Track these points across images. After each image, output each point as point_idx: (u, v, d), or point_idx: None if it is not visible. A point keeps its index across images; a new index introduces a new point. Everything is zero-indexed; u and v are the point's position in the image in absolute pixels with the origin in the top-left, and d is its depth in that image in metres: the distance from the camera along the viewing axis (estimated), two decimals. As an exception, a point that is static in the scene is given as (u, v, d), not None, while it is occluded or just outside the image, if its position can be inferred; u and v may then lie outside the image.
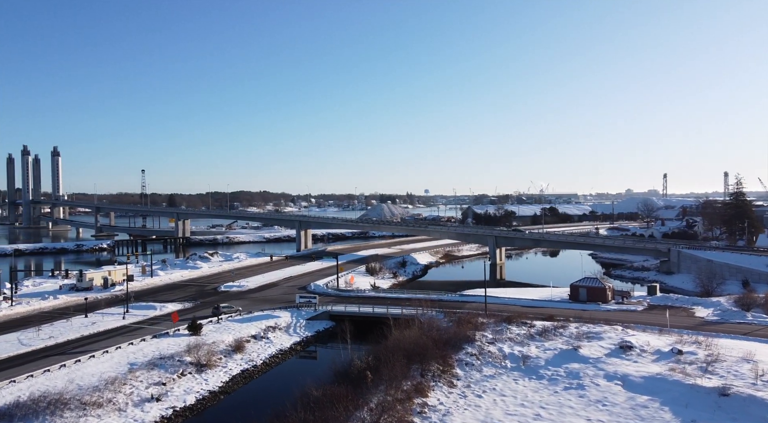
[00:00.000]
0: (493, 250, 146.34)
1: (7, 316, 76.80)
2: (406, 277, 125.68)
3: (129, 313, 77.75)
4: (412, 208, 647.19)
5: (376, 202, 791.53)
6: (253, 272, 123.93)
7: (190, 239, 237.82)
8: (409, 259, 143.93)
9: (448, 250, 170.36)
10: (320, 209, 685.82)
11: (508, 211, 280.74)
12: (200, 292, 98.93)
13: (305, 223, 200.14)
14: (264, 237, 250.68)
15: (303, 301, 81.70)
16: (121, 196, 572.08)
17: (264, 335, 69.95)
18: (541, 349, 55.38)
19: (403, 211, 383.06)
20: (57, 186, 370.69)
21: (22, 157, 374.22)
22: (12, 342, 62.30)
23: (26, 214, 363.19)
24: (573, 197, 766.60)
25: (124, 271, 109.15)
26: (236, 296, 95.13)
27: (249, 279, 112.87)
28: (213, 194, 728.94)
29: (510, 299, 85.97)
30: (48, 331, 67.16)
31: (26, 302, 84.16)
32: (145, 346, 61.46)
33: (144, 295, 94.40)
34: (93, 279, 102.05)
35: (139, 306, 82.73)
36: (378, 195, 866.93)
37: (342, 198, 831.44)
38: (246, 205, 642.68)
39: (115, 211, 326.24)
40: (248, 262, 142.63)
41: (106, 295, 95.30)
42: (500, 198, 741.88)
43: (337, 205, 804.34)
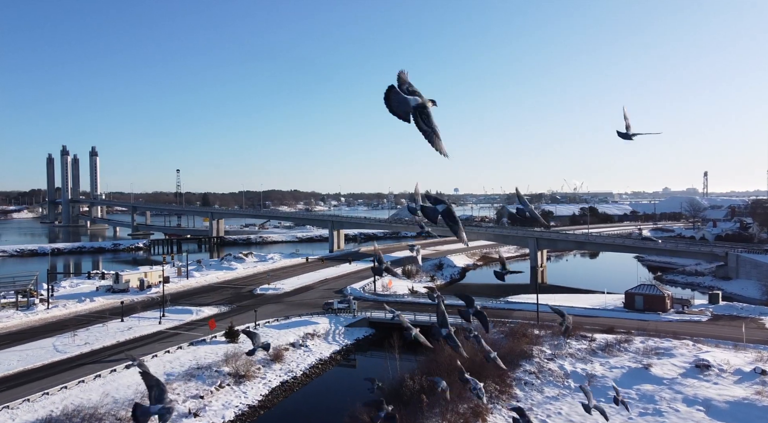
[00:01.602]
0: (534, 253, 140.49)
1: (43, 320, 75.82)
2: (443, 280, 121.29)
3: (165, 318, 75.81)
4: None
5: (406, 202, 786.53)
6: (288, 274, 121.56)
7: (224, 239, 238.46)
8: (446, 261, 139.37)
9: (486, 252, 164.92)
10: (350, 208, 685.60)
11: (546, 210, 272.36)
12: (236, 295, 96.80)
13: (338, 223, 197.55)
14: (296, 237, 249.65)
15: (342, 307, 78.32)
16: (157, 195, 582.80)
17: (302, 343, 66.86)
18: (606, 367, 50.48)
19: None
20: (95, 185, 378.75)
21: (62, 157, 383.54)
22: (47, 348, 60.74)
23: (65, 213, 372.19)
24: (608, 196, 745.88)
25: (160, 273, 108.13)
26: (272, 299, 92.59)
27: (284, 281, 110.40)
28: (245, 193, 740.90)
29: (561, 307, 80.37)
30: (84, 337, 65.51)
31: (63, 305, 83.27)
32: (181, 354, 59.02)
33: (180, 298, 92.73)
34: (129, 281, 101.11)
35: (175, 310, 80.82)
36: (407, 194, 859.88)
37: (371, 197, 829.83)
38: (277, 204, 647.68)
39: (151, 211, 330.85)
40: (283, 263, 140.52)
41: (142, 297, 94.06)
42: (533, 197, 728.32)
43: (366, 203, 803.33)
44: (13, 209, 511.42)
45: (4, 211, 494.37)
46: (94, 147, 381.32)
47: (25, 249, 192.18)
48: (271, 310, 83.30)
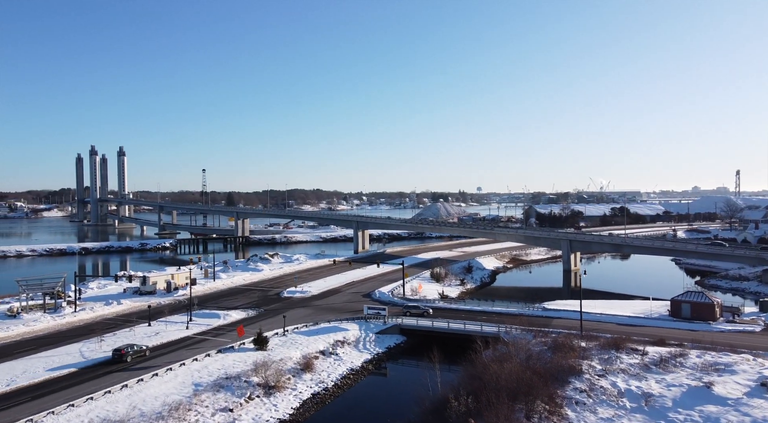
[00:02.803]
0: (567, 255, 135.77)
1: (70, 324, 74.92)
2: (474, 284, 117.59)
3: (192, 322, 74.20)
4: (465, 205, 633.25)
5: (428, 201, 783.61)
6: (315, 276, 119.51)
7: (250, 238, 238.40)
8: (475, 263, 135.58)
9: (516, 253, 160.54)
10: (372, 207, 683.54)
11: (575, 211, 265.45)
12: (263, 298, 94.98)
13: (363, 223, 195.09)
14: (321, 237, 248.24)
15: (372, 313, 75.60)
16: (183, 194, 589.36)
17: (333, 351, 64.34)
18: (662, 385, 46.61)
19: (459, 210, 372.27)
20: (123, 185, 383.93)
21: (90, 157, 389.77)
22: (74, 354, 59.43)
23: (94, 212, 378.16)
24: (636, 195, 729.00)
25: (187, 275, 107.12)
26: (300, 303, 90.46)
27: (311, 284, 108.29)
28: (268, 193, 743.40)
29: (603, 316, 76.45)
30: (111, 342, 64.12)
31: (90, 308, 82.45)
32: (209, 362, 57.03)
33: (207, 301, 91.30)
34: (156, 283, 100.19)
35: (202, 314, 79.21)
36: (429, 193, 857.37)
37: (393, 196, 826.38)
38: (300, 203, 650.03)
39: (177, 210, 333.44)
40: (308, 265, 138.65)
41: (169, 300, 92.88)
42: (559, 196, 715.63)
43: (388, 203, 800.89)
44: (44, 208, 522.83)
45: (35, 210, 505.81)
46: (121, 147, 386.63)
47: (54, 248, 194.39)
48: (299, 314, 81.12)
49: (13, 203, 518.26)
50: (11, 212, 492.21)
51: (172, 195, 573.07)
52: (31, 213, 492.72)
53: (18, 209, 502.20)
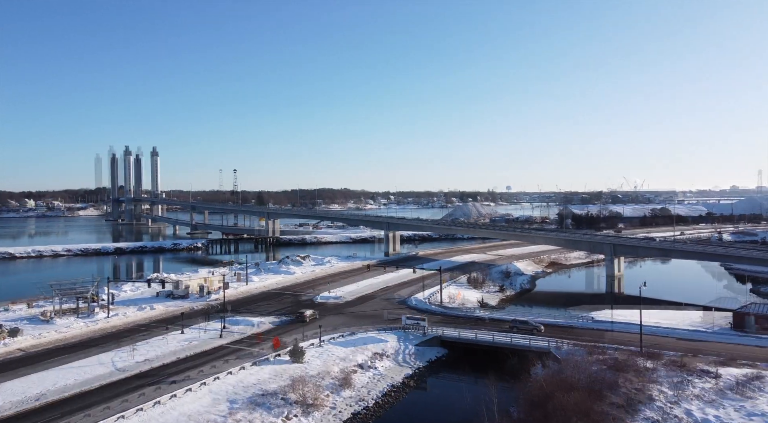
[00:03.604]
0: (610, 260, 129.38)
1: (103, 330, 73.52)
2: (513, 290, 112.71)
3: (226, 330, 71.92)
4: (494, 205, 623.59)
5: (456, 200, 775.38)
6: (347, 280, 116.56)
7: (280, 239, 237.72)
8: (513, 268, 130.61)
9: (554, 257, 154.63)
10: (399, 207, 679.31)
11: (613, 212, 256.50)
12: (296, 303, 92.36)
13: (393, 225, 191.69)
14: (350, 237, 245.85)
15: (410, 323, 71.96)
16: (214, 194, 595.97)
17: (371, 364, 61.03)
18: (743, 414, 41.75)
19: (490, 210, 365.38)
20: (156, 184, 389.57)
21: (125, 157, 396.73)
22: (106, 364, 57.58)
23: (128, 211, 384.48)
24: (672, 195, 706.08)
25: (220, 278, 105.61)
26: (333, 309, 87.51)
27: (344, 288, 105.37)
28: (297, 192, 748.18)
29: (659, 328, 70.98)
30: (144, 351, 62.23)
31: (123, 313, 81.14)
32: (245, 376, 54.34)
33: (240, 306, 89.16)
34: (189, 287, 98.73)
35: (235, 321, 76.94)
36: (458, 192, 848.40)
37: (421, 195, 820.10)
38: (328, 203, 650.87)
39: (209, 210, 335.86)
40: (340, 267, 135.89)
41: (202, 304, 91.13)
42: (592, 195, 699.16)
43: (416, 202, 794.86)
44: (80, 207, 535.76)
45: (71, 209, 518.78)
46: (155, 147, 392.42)
47: (89, 248, 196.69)
48: (334, 322, 78.13)
49: (51, 202, 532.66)
50: (48, 211, 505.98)
51: (203, 194, 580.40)
52: (67, 212, 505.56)
53: (55, 208, 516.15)
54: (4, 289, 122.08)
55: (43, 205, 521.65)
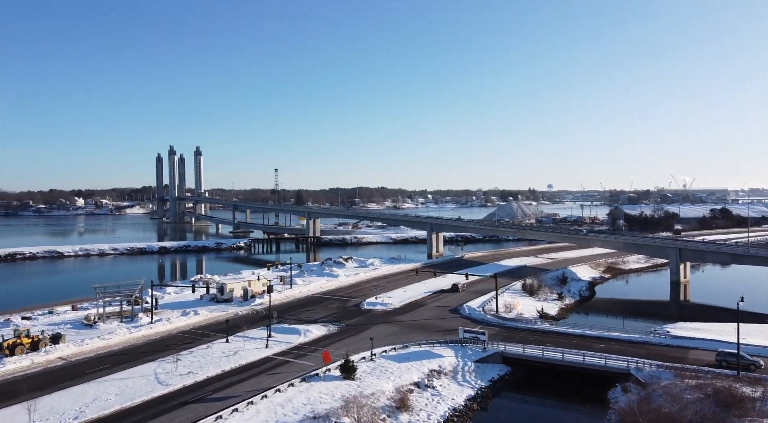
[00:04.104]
0: (675, 265, 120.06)
1: (146, 337, 70.87)
2: (572, 298, 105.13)
3: (272, 339, 68.07)
4: (535, 204, 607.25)
5: (496, 199, 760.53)
6: (393, 284, 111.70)
7: (321, 239, 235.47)
8: (569, 273, 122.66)
9: (612, 261, 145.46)
10: (437, 206, 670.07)
11: (669, 212, 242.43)
12: (342, 310, 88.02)
13: (437, 225, 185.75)
14: (391, 238, 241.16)
15: (469, 337, 66.26)
16: (254, 192, 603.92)
17: (429, 383, 55.73)
18: None
19: (535, 210, 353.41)
20: (199, 183, 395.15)
21: (169, 157, 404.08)
22: (148, 377, 54.35)
23: (172, 209, 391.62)
24: (724, 194, 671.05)
25: (264, 282, 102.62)
26: (382, 317, 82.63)
27: (391, 294, 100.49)
28: (334, 190, 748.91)
29: (748, 346, 62.58)
30: (187, 362, 58.89)
31: (166, 318, 78.58)
32: (293, 394, 50.00)
33: (284, 311, 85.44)
34: (233, 290, 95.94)
35: (281, 329, 73.12)
36: (498, 191, 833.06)
37: (459, 194, 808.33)
38: (365, 201, 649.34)
39: (251, 209, 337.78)
40: (384, 271, 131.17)
41: (246, 309, 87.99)
42: (639, 194, 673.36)
43: (454, 201, 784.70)
44: (127, 205, 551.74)
45: (119, 207, 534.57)
46: (198, 147, 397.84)
47: (135, 247, 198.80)
48: (384, 332, 73.23)
49: (99, 200, 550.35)
50: (97, 209, 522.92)
51: (244, 193, 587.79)
52: (114, 210, 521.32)
53: (103, 206, 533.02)
54: (51, 290, 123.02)
55: (92, 204, 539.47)
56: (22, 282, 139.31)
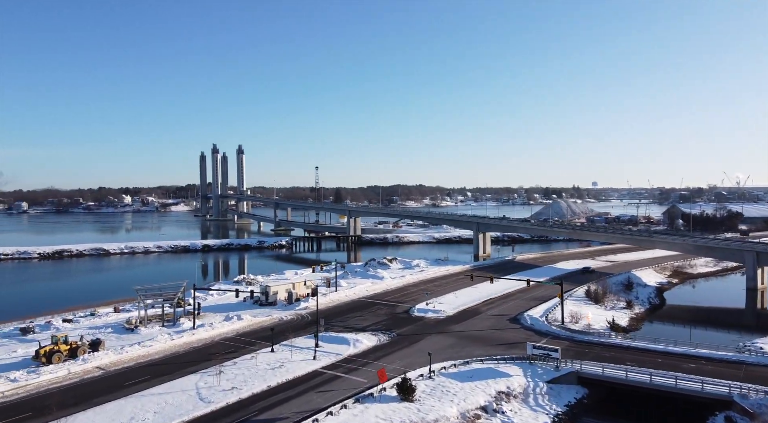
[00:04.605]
0: (752, 270, 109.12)
1: (187, 344, 66.96)
2: (641, 306, 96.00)
3: (319, 349, 62.95)
4: (581, 202, 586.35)
5: (539, 197, 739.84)
6: (442, 288, 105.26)
7: (362, 238, 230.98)
8: (634, 278, 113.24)
9: (677, 265, 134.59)
10: (477, 204, 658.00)
11: (733, 211, 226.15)
12: (392, 317, 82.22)
13: (484, 225, 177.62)
14: (434, 237, 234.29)
15: (539, 354, 59.28)
16: (294, 190, 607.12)
17: (497, 407, 49.29)
18: None
19: (585, 208, 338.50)
20: (241, 181, 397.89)
21: (212, 155, 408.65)
22: (190, 392, 49.97)
23: (215, 207, 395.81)
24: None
25: (309, 284, 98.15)
26: (435, 326, 76.40)
27: (442, 299, 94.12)
28: (372, 188, 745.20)
29: None
30: (231, 375, 54.35)
31: (209, 324, 74.71)
32: (347, 418, 44.49)
33: (331, 317, 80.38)
34: (277, 293, 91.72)
35: (329, 338, 67.94)
36: (540, 188, 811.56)
37: (500, 191, 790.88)
38: (404, 199, 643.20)
39: (291, 207, 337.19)
40: (431, 273, 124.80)
41: (291, 314, 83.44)
42: (692, 192, 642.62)
43: (495, 199, 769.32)
44: (172, 202, 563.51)
45: (164, 205, 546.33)
46: (240, 145, 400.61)
47: (179, 245, 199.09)
48: (440, 344, 67.03)
49: (146, 198, 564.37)
50: (144, 206, 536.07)
51: (284, 191, 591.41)
52: (160, 207, 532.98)
53: (149, 203, 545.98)
54: (95, 289, 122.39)
55: (139, 201, 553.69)
56: (67, 280, 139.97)
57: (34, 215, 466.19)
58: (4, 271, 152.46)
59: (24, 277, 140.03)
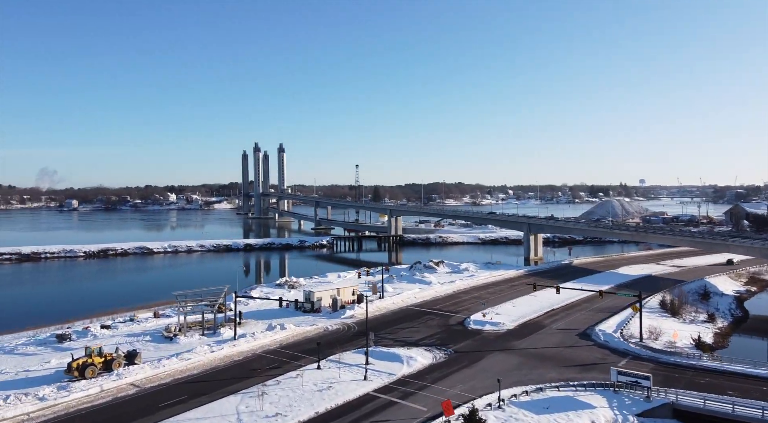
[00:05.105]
0: None
1: (228, 358, 61.97)
2: (724, 319, 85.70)
3: (370, 367, 56.76)
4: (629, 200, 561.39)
5: (585, 195, 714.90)
6: (497, 296, 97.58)
7: (403, 238, 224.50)
8: (709, 286, 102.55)
9: (753, 271, 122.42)
10: (520, 202, 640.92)
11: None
12: (446, 329, 75.26)
13: (536, 226, 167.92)
14: (479, 238, 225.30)
15: (625, 381, 51.27)
16: (332, 188, 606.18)
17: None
18: None
19: (639, 208, 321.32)
20: (282, 180, 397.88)
21: (254, 154, 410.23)
22: (230, 417, 44.70)
23: (257, 205, 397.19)
24: None
25: (353, 289, 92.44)
26: (495, 342, 68.95)
27: (498, 309, 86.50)
28: (411, 186, 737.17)
29: None
30: (275, 397, 48.84)
31: (250, 334, 69.73)
32: (407, 460, 38.12)
33: (379, 328, 74.13)
34: (321, 299, 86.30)
35: (379, 354, 61.71)
36: (586, 186, 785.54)
37: (544, 189, 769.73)
38: (443, 198, 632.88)
39: (331, 205, 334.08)
40: (483, 278, 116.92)
41: (336, 323, 77.76)
42: (749, 190, 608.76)
43: (538, 197, 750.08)
44: (215, 200, 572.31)
45: (208, 202, 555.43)
46: (281, 144, 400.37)
47: (221, 244, 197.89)
48: (504, 364, 59.78)
49: (190, 196, 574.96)
50: (188, 204, 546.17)
51: (323, 189, 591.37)
52: (204, 205, 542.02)
53: (193, 202, 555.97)
54: (137, 290, 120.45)
55: (183, 199, 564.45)
56: (110, 280, 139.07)
57: (83, 213, 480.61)
58: (50, 270, 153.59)
59: (68, 277, 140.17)
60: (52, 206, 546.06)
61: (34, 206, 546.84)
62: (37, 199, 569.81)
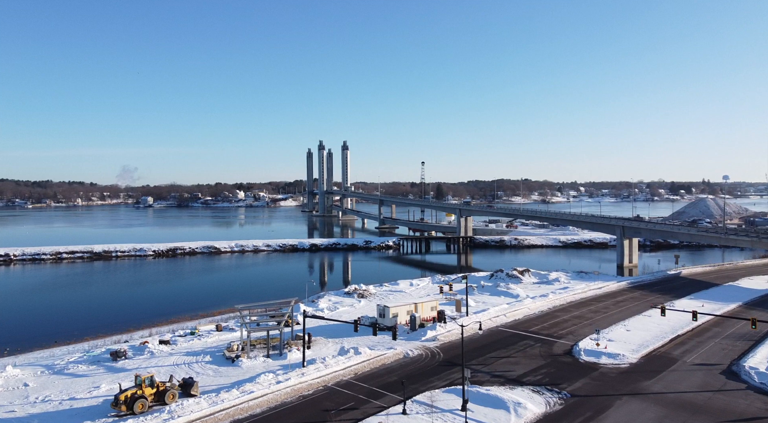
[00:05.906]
0: None
1: (295, 392, 52.18)
2: None
3: (470, 415, 45.40)
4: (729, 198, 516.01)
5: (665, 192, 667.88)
6: (603, 316, 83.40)
7: (474, 239, 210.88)
8: None
9: None
10: (593, 199, 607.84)
11: None
12: (552, 361, 62.21)
13: (631, 229, 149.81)
14: (559, 240, 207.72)
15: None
16: (395, 185, 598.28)
17: None
18: None
19: (738, 208, 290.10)
20: (346, 177, 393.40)
21: (318, 152, 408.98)
22: (300, 492, 34.63)
23: (321, 203, 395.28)
24: None
25: (433, 304, 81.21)
26: (620, 382, 55.20)
27: (609, 333, 72.42)
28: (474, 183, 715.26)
29: None
30: (353, 459, 38.47)
31: (320, 359, 59.99)
32: None
33: (468, 357, 62.00)
34: (397, 315, 75.79)
35: (477, 396, 50.02)
36: (664, 182, 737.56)
37: (618, 186, 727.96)
38: (509, 195, 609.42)
39: (396, 204, 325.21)
40: (578, 292, 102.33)
41: (417, 348, 66.84)
42: None
43: (613, 194, 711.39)
44: (281, 198, 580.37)
45: (274, 200, 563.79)
46: (345, 141, 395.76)
47: (287, 244, 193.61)
48: (641, 418, 46.32)
49: (257, 193, 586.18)
50: (255, 201, 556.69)
51: (385, 186, 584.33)
52: (270, 202, 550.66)
53: (260, 199, 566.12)
54: (201, 292, 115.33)
55: (251, 196, 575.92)
56: (176, 282, 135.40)
57: (157, 209, 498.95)
58: (119, 270, 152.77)
59: (135, 279, 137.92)
60: (130, 203, 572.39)
61: (113, 203, 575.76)
62: (116, 195, 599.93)
